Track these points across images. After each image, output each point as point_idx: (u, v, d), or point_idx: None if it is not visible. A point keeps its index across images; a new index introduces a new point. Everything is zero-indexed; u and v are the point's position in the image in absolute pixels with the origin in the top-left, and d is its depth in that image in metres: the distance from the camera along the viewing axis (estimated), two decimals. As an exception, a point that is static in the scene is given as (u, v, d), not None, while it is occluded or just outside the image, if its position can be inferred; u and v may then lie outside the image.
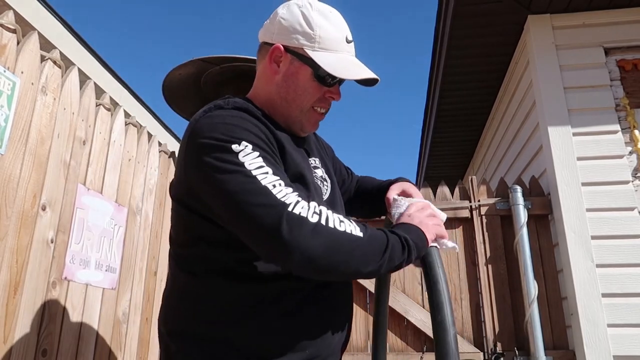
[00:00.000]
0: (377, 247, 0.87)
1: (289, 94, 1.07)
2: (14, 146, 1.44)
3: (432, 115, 4.46)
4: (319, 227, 0.82)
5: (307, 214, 0.82)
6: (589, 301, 2.39)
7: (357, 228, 0.87)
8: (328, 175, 1.18)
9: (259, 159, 0.87)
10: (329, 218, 0.85)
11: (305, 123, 1.10)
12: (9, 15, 1.48)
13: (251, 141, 0.90)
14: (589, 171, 2.60)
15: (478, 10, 2.93)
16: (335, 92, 1.09)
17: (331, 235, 0.83)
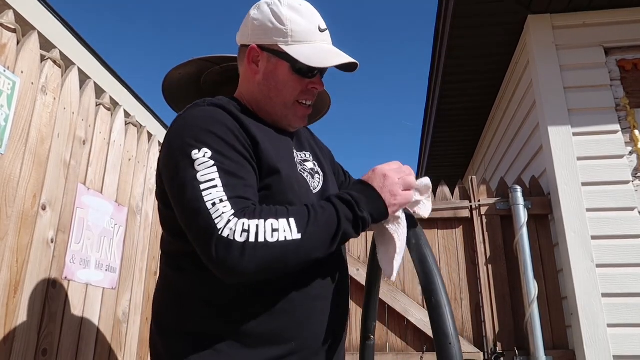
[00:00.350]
0: (321, 238, 0.88)
1: (271, 91, 1.08)
2: (14, 146, 1.44)
3: (432, 115, 4.46)
4: (247, 246, 0.82)
5: (234, 235, 0.82)
6: (589, 301, 2.39)
7: (295, 229, 0.86)
8: (321, 169, 1.18)
9: (213, 169, 0.89)
10: (258, 233, 0.83)
11: (292, 118, 1.10)
12: (9, 14, 1.48)
13: (211, 146, 0.92)
14: (589, 171, 2.60)
15: (478, 10, 2.93)
16: (317, 82, 1.10)
17: (260, 251, 0.83)
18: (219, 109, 1.00)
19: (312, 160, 1.17)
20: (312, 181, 1.11)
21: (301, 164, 1.12)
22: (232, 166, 0.91)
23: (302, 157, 1.15)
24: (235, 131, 0.97)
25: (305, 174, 1.10)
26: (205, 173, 0.88)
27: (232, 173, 0.90)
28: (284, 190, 0.98)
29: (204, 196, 0.86)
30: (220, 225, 0.83)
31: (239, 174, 0.91)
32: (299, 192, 1.01)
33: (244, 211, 0.86)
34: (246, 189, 0.91)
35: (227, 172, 0.90)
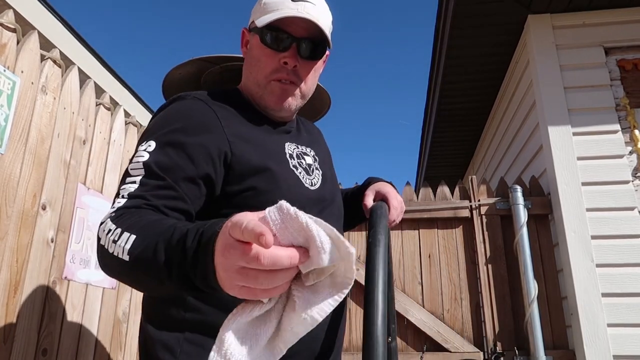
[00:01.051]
0: (141, 273, 0.70)
1: (249, 70, 1.06)
2: (14, 145, 1.44)
3: (432, 115, 4.46)
4: (99, 246, 0.78)
5: (99, 232, 0.79)
6: (588, 301, 2.39)
7: (127, 249, 0.70)
8: (320, 167, 1.12)
9: (140, 165, 0.87)
10: (107, 239, 0.75)
11: (268, 98, 1.04)
12: (9, 14, 1.48)
13: (158, 140, 0.90)
14: (589, 171, 2.60)
15: (478, 10, 2.93)
16: (288, 56, 1.00)
17: (103, 256, 0.77)
18: (200, 102, 0.97)
19: (311, 156, 1.12)
20: (308, 177, 1.05)
21: (297, 158, 1.06)
22: (163, 164, 0.87)
23: (300, 150, 1.09)
24: (200, 129, 0.93)
25: (300, 170, 1.04)
26: (134, 167, 0.88)
27: (155, 173, 0.86)
28: (269, 189, 0.94)
29: (120, 189, 0.86)
30: (104, 217, 0.82)
31: (164, 174, 0.87)
32: (287, 190, 0.97)
33: (121, 212, 0.81)
34: (156, 189, 0.85)
35: (151, 171, 0.86)
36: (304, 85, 1.06)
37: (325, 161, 1.17)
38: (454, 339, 2.51)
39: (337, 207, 1.13)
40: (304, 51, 1.02)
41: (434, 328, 2.53)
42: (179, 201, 0.86)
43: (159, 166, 0.87)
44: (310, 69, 1.06)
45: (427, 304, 2.62)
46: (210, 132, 0.93)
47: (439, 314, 2.60)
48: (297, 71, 1.03)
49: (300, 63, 1.02)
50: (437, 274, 2.67)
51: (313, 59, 1.04)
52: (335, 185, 1.15)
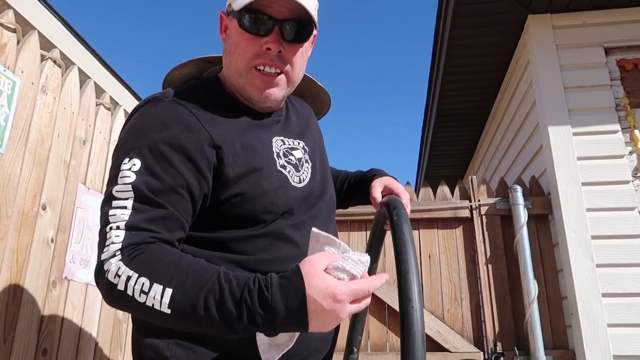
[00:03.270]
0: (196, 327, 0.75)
1: (228, 58, 0.97)
2: (14, 145, 1.44)
3: (432, 115, 4.46)
4: (114, 290, 0.76)
5: (108, 274, 0.77)
6: (589, 301, 2.39)
7: (166, 303, 0.73)
8: (310, 159, 1.06)
9: (128, 187, 0.82)
10: (128, 286, 0.75)
11: (249, 88, 0.95)
12: (9, 14, 1.48)
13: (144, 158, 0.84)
14: (589, 171, 2.60)
15: (478, 10, 2.93)
16: (270, 40, 0.92)
17: (125, 301, 0.76)
18: (180, 107, 0.90)
19: (301, 149, 1.05)
20: (297, 174, 1.00)
21: (285, 155, 1.00)
22: (155, 187, 0.83)
23: (288, 145, 1.03)
24: (184, 139, 0.87)
25: (288, 169, 0.98)
26: (121, 190, 0.82)
27: (148, 198, 0.82)
28: (257, 195, 0.90)
29: (109, 215, 0.81)
30: (104, 256, 0.79)
31: (159, 198, 0.82)
32: (274, 194, 0.93)
33: (130, 250, 0.78)
34: (156, 219, 0.82)
35: (143, 195, 0.82)
36: (292, 72, 0.97)
37: (315, 149, 1.11)
38: (454, 339, 2.51)
39: (328, 200, 1.08)
40: (288, 34, 0.93)
41: (434, 328, 2.53)
42: (178, 224, 0.84)
43: (150, 189, 0.82)
44: (297, 53, 0.96)
45: (427, 303, 2.62)
46: (194, 140, 0.87)
47: (439, 314, 2.60)
48: (283, 56, 0.94)
49: (285, 47, 0.93)
50: (437, 274, 2.67)
51: (299, 41, 0.95)
52: (325, 174, 1.10)
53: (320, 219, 1.02)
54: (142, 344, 0.93)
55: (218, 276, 0.74)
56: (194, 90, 0.96)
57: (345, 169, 1.39)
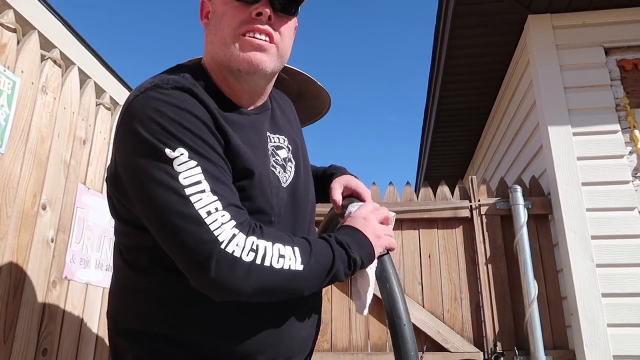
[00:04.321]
0: (318, 274, 0.84)
1: (212, 34, 0.92)
2: (14, 145, 1.44)
3: (432, 115, 4.46)
4: (253, 267, 0.75)
5: (241, 252, 0.74)
6: (589, 301, 2.39)
7: (299, 259, 0.81)
8: (294, 156, 1.04)
9: (196, 170, 0.77)
10: (266, 255, 0.77)
11: (237, 57, 0.88)
12: (9, 14, 1.48)
13: (189, 145, 0.78)
14: (589, 171, 2.60)
15: (478, 10, 2.93)
16: (260, 5, 0.88)
17: (266, 276, 0.76)
18: (187, 95, 0.84)
19: (285, 147, 1.03)
20: (284, 174, 0.98)
21: (273, 154, 0.98)
22: (215, 169, 0.80)
23: (275, 143, 1.00)
24: (209, 126, 0.84)
25: (278, 169, 0.97)
26: (188, 175, 0.76)
27: (217, 177, 0.79)
28: (255, 195, 0.89)
29: (192, 202, 0.74)
30: (222, 238, 0.73)
31: (223, 178, 0.80)
32: (269, 195, 0.92)
33: (247, 225, 0.78)
34: (236, 196, 0.82)
35: (212, 175, 0.78)
36: (282, 42, 0.93)
37: (297, 145, 1.08)
38: (454, 339, 2.51)
39: (310, 199, 1.07)
40: (277, 4, 0.90)
41: (434, 328, 2.53)
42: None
43: (212, 172, 0.79)
44: (286, 24, 0.93)
45: (427, 304, 2.62)
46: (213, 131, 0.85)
47: (439, 314, 2.60)
48: (273, 24, 0.90)
49: (274, 18, 0.90)
50: (437, 274, 2.67)
51: (288, 13, 0.93)
52: (307, 172, 1.09)
53: (305, 219, 1.02)
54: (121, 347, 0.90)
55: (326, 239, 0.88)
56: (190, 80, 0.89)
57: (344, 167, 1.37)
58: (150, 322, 0.88)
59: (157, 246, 0.82)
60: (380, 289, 0.95)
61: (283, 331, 0.91)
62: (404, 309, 0.92)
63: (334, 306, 2.66)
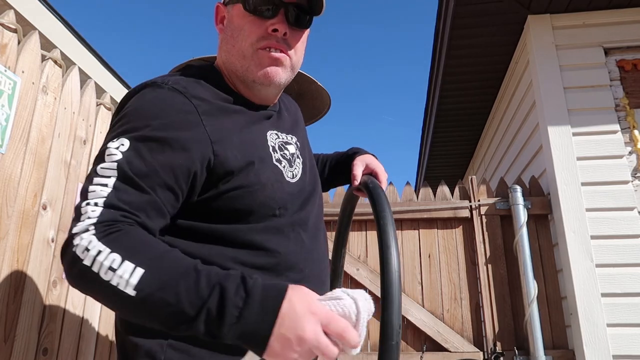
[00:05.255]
0: (155, 313, 0.69)
1: (229, 44, 0.96)
2: (14, 145, 1.45)
3: (432, 115, 4.46)
4: (79, 264, 0.72)
5: (77, 248, 0.72)
6: (588, 301, 2.39)
7: (133, 284, 0.68)
8: (302, 155, 1.06)
9: (113, 165, 0.79)
10: (95, 261, 0.70)
11: (254, 69, 0.93)
12: (10, 14, 1.49)
13: (134, 139, 0.81)
14: (589, 171, 2.60)
15: (478, 10, 2.93)
16: (278, 22, 0.92)
17: (87, 278, 0.71)
18: (179, 95, 0.87)
19: (294, 144, 1.05)
20: (291, 169, 0.98)
21: (281, 149, 0.99)
22: (140, 170, 0.80)
23: (283, 140, 1.02)
24: (180, 129, 0.84)
25: (283, 163, 0.97)
26: (105, 167, 0.79)
27: (131, 179, 0.79)
28: (255, 189, 0.89)
29: (88, 191, 0.78)
30: (76, 229, 0.74)
31: (142, 182, 0.79)
32: (271, 189, 0.91)
33: (104, 227, 0.74)
34: (136, 203, 0.78)
35: (126, 176, 0.78)
36: (295, 56, 0.97)
37: (304, 145, 1.11)
38: (453, 338, 2.52)
39: (318, 197, 1.09)
40: (292, 18, 0.94)
41: (433, 328, 2.54)
42: (158, 212, 0.81)
43: (135, 171, 0.79)
44: (300, 38, 0.97)
45: (427, 303, 2.63)
46: (190, 132, 0.85)
47: (439, 314, 2.60)
48: (288, 40, 0.95)
49: (288, 32, 0.94)
50: (437, 274, 2.67)
51: (302, 27, 0.97)
52: (314, 170, 1.10)
53: (313, 216, 1.02)
54: (130, 344, 0.88)
55: (195, 264, 0.71)
56: (194, 78, 0.94)
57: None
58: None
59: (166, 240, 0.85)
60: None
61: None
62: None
63: (334, 306, 2.66)
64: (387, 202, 0.93)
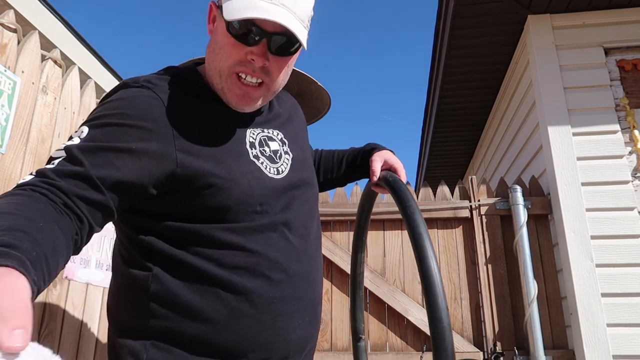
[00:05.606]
0: None
1: (211, 56, 0.93)
2: (14, 146, 1.45)
3: (432, 115, 4.46)
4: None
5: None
6: (588, 301, 2.39)
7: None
8: (292, 151, 1.03)
9: (62, 147, 0.80)
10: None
11: (228, 93, 0.92)
12: (10, 14, 1.49)
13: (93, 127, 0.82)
14: (589, 171, 2.60)
15: (478, 10, 2.93)
16: (256, 52, 0.87)
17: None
18: (147, 92, 0.88)
19: (278, 140, 1.02)
20: (273, 165, 0.96)
21: (260, 145, 0.97)
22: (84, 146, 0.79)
23: (266, 136, 1.00)
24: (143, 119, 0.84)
25: (262, 160, 0.95)
26: (58, 149, 0.80)
27: (72, 155, 0.78)
28: (228, 187, 0.88)
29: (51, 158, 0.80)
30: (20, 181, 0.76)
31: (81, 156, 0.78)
32: (247, 184, 0.90)
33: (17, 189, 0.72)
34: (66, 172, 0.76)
35: (71, 154, 0.78)
36: (273, 83, 0.94)
37: (296, 141, 1.07)
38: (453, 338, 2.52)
39: (311, 189, 1.06)
40: (275, 47, 0.89)
41: (433, 328, 2.53)
42: (93, 192, 0.77)
43: (79, 147, 0.79)
44: (283, 66, 0.93)
45: (427, 303, 2.62)
46: (153, 124, 0.85)
47: (439, 314, 2.60)
48: (267, 68, 0.91)
49: (270, 59, 0.90)
50: (437, 274, 2.67)
51: (285, 55, 0.92)
52: (307, 167, 1.07)
53: (302, 214, 1.00)
54: (117, 344, 0.91)
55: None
56: (168, 76, 0.93)
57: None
58: (143, 316, 0.88)
59: (147, 241, 0.87)
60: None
61: (276, 330, 0.89)
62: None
63: (334, 306, 2.66)
64: (411, 195, 0.91)
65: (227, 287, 0.87)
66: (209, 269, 0.87)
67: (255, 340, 0.88)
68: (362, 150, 1.25)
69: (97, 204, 0.77)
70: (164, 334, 0.86)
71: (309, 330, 0.96)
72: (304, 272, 0.96)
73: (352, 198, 2.83)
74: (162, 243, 0.88)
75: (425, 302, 0.79)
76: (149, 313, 0.88)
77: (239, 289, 0.87)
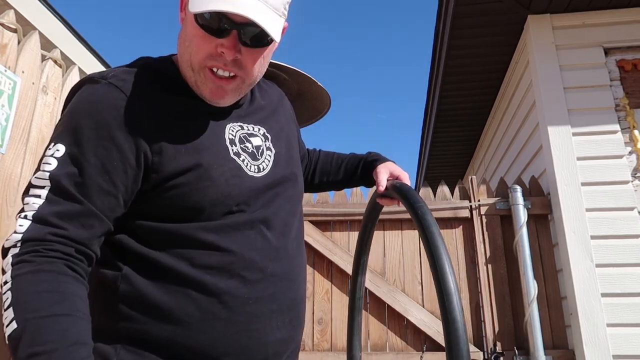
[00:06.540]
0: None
1: (182, 47, 0.89)
2: (14, 145, 1.45)
3: (432, 116, 4.46)
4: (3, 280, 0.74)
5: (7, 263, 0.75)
6: (588, 301, 2.39)
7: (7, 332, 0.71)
8: (275, 146, 0.99)
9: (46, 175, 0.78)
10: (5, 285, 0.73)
11: (201, 86, 0.87)
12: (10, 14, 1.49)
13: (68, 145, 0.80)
14: (589, 171, 2.60)
15: (478, 10, 2.93)
16: (227, 45, 0.82)
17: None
18: (116, 90, 0.83)
19: (260, 135, 0.97)
20: (254, 163, 0.93)
21: (240, 142, 0.93)
22: (73, 178, 0.78)
23: (246, 131, 0.95)
24: (113, 126, 0.81)
25: (242, 157, 0.91)
26: (40, 177, 0.79)
27: (64, 190, 0.78)
28: (204, 186, 0.85)
29: (24, 202, 0.79)
30: (7, 243, 0.76)
31: (75, 191, 0.78)
32: (225, 185, 0.87)
33: (27, 247, 0.75)
34: (68, 214, 0.77)
35: (59, 186, 0.78)
36: (248, 77, 0.89)
37: (280, 135, 1.03)
38: (453, 338, 2.52)
39: (295, 186, 1.02)
40: (247, 38, 0.84)
41: (433, 328, 2.54)
42: (95, 220, 0.79)
43: (68, 180, 0.78)
44: (257, 57, 0.87)
45: (427, 303, 2.63)
46: (124, 129, 0.82)
47: (439, 314, 2.59)
48: (239, 61, 0.85)
49: (243, 51, 0.84)
50: (437, 274, 2.67)
51: (258, 46, 0.86)
52: (292, 162, 1.03)
53: (283, 210, 0.96)
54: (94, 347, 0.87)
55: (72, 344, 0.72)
56: (139, 70, 0.88)
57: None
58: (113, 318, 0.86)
59: (117, 239, 0.85)
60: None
61: (251, 332, 0.86)
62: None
63: (334, 306, 2.66)
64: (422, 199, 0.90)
65: (198, 288, 0.83)
66: (180, 269, 0.84)
67: (230, 343, 0.84)
68: (363, 160, 1.23)
69: (104, 233, 0.82)
70: (135, 337, 0.83)
71: (290, 332, 0.92)
72: (284, 271, 0.92)
73: (352, 198, 2.83)
74: (133, 241, 0.85)
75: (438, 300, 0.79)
76: (119, 315, 0.84)
77: (211, 289, 0.84)
